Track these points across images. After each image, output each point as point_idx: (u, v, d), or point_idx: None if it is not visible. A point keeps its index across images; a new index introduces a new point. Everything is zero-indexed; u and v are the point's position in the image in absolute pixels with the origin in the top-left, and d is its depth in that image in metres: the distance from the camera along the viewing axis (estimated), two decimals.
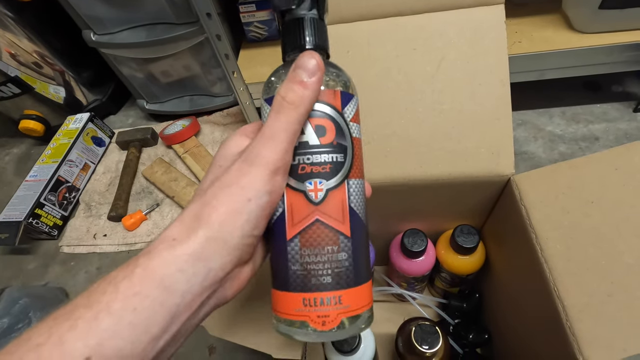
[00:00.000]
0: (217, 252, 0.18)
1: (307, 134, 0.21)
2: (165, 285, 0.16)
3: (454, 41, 0.39)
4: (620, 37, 0.66)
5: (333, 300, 0.20)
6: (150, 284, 0.16)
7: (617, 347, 0.27)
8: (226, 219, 0.18)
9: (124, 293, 0.16)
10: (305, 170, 0.20)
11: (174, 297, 0.16)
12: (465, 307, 0.50)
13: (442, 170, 0.39)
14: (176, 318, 0.16)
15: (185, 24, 0.78)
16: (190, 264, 0.17)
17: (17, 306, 0.63)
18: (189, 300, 0.17)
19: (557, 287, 0.31)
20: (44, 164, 0.86)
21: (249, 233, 0.19)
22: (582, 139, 0.77)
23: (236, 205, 0.18)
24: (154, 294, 0.16)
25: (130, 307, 0.15)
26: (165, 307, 0.16)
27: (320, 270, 0.20)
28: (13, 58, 0.86)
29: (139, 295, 0.16)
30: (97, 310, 0.15)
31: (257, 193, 0.18)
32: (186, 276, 0.17)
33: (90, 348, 0.14)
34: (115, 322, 0.15)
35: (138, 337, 0.15)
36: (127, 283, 0.16)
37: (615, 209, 0.32)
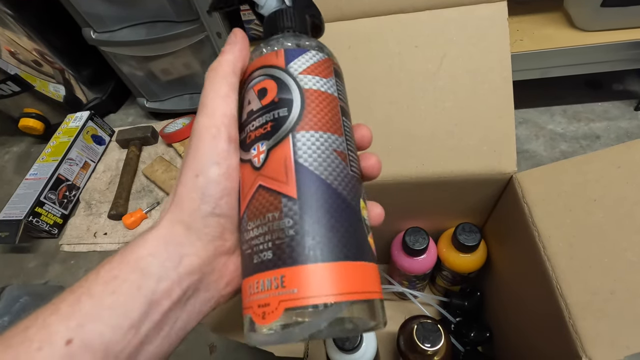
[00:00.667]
0: (185, 236, 0.17)
1: (251, 101, 0.20)
2: (140, 268, 0.16)
3: (455, 38, 0.39)
4: (622, 35, 0.66)
5: (273, 282, 0.16)
6: (126, 267, 0.16)
7: (620, 345, 0.27)
8: (183, 201, 0.18)
9: (103, 277, 0.16)
10: (250, 138, 0.19)
11: (149, 281, 0.16)
12: (466, 306, 0.50)
13: (444, 168, 0.39)
14: (155, 304, 0.16)
15: (185, 22, 0.78)
16: (161, 248, 0.17)
17: (17, 304, 0.63)
18: (166, 286, 0.17)
19: (560, 285, 0.31)
20: (44, 162, 0.86)
21: (210, 212, 0.18)
22: (583, 138, 0.76)
23: (188, 184, 0.18)
24: (131, 278, 0.16)
25: (109, 290, 0.16)
26: (142, 292, 0.16)
27: (260, 245, 0.17)
28: (13, 56, 0.86)
29: (117, 279, 0.16)
30: (79, 294, 0.16)
31: (202, 167, 0.18)
32: (159, 260, 0.17)
33: (71, 330, 0.15)
34: (96, 304, 0.15)
35: (118, 322, 0.15)
36: (107, 267, 0.16)
37: (618, 207, 0.31)
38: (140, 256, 0.17)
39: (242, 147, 0.19)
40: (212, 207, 0.18)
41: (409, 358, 0.41)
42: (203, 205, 0.18)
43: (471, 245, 0.44)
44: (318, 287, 0.15)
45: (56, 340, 0.14)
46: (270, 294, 0.16)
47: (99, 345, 0.15)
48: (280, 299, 0.15)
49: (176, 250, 0.17)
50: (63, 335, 0.14)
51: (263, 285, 0.16)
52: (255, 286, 0.16)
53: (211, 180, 0.18)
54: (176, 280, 0.17)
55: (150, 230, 0.18)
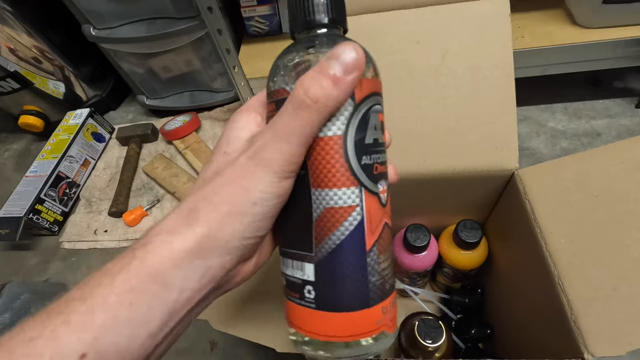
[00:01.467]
0: (215, 250, 0.17)
1: (377, 128, 0.18)
2: (162, 280, 0.16)
3: (458, 34, 0.39)
4: (624, 32, 0.66)
5: (394, 300, 0.20)
6: (146, 279, 0.15)
7: (622, 341, 0.27)
8: (226, 221, 0.17)
9: (119, 287, 0.15)
10: (379, 171, 0.18)
11: (171, 293, 0.16)
12: (467, 303, 0.50)
13: (446, 164, 0.39)
14: (174, 314, 0.16)
15: (185, 19, 0.78)
16: (187, 261, 0.16)
17: (18, 302, 0.63)
18: (187, 296, 0.16)
19: (562, 281, 0.31)
20: (44, 159, 0.86)
21: (252, 235, 0.17)
22: (584, 135, 0.76)
23: (239, 208, 0.17)
24: (151, 290, 0.15)
25: (126, 301, 0.15)
26: (163, 303, 0.15)
27: (389, 274, 0.19)
28: (12, 53, 0.86)
29: (135, 290, 0.15)
30: (92, 304, 0.15)
31: (263, 197, 0.17)
32: (183, 272, 0.16)
33: (85, 344, 0.14)
34: (111, 316, 0.14)
35: (135, 332, 0.15)
36: (123, 276, 0.15)
37: (621, 203, 0.31)
38: (163, 268, 0.16)
39: (368, 176, 0.18)
40: (255, 231, 0.18)
41: (410, 354, 0.41)
42: (248, 229, 0.17)
43: (472, 242, 0.44)
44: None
45: (69, 354, 0.14)
46: (394, 309, 0.20)
47: (114, 355, 0.14)
48: (396, 309, 0.20)
49: (203, 262, 0.16)
50: (76, 349, 0.14)
51: (393, 304, 0.20)
52: (389, 306, 0.19)
53: (267, 209, 0.17)
54: (197, 290, 0.17)
55: (174, 237, 0.16)
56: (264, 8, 0.82)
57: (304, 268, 0.18)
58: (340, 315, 0.18)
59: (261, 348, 0.31)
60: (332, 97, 0.16)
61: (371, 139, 0.18)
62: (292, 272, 0.19)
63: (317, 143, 0.17)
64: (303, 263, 0.18)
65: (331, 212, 0.17)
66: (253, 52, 0.86)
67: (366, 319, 0.18)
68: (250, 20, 0.85)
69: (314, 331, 0.18)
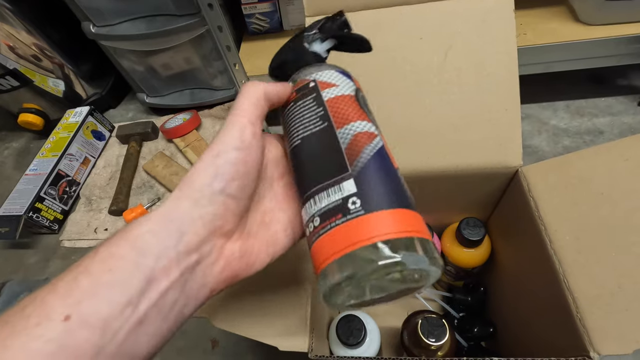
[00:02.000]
0: (186, 212, 0.18)
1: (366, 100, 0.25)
2: (138, 245, 0.17)
3: (461, 30, 0.38)
4: (627, 29, 0.65)
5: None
6: (125, 245, 0.17)
7: (628, 339, 0.27)
8: (194, 176, 0.18)
9: (101, 254, 0.16)
10: (375, 120, 0.24)
11: (147, 258, 0.16)
12: (470, 301, 0.50)
13: (449, 162, 0.39)
14: (153, 282, 0.16)
15: (186, 16, 0.77)
16: (160, 225, 0.17)
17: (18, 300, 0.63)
18: (164, 264, 0.17)
19: (567, 279, 0.31)
20: (44, 157, 0.86)
21: (219, 189, 0.18)
22: (587, 133, 0.76)
23: (206, 161, 0.19)
24: (129, 255, 0.16)
25: (106, 267, 0.16)
26: (140, 269, 0.16)
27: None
28: (11, 51, 0.85)
29: (114, 256, 0.16)
30: (77, 272, 0.16)
31: (223, 149, 0.19)
32: (157, 238, 0.17)
33: (69, 306, 0.15)
34: (93, 281, 0.15)
35: (115, 299, 0.15)
36: (105, 245, 0.17)
37: (626, 200, 0.31)
38: (139, 233, 0.17)
39: (373, 117, 0.23)
40: (223, 186, 0.18)
41: (413, 353, 0.41)
42: (215, 182, 0.18)
43: (475, 240, 0.44)
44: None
45: (54, 316, 0.14)
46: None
47: (97, 321, 0.15)
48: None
49: (176, 227, 0.17)
50: (61, 311, 0.15)
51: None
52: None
53: (228, 161, 0.19)
54: (174, 259, 0.17)
55: (154, 210, 0.18)
56: (265, 5, 0.82)
57: (342, 187, 0.20)
58: (382, 213, 0.19)
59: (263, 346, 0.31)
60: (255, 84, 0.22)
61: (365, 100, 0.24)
62: (328, 200, 0.20)
63: (335, 100, 0.22)
64: (341, 184, 0.20)
65: (359, 135, 0.21)
66: (254, 49, 0.86)
67: (412, 217, 0.20)
68: (250, 18, 0.85)
69: (370, 236, 0.18)
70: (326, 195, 0.20)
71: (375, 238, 0.18)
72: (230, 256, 0.20)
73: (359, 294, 0.20)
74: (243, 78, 0.78)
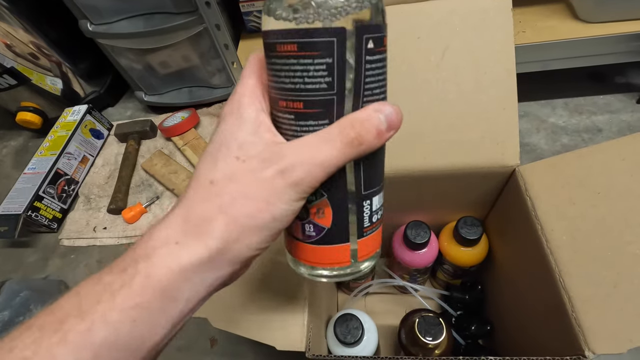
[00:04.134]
0: (228, 263, 0.17)
1: None
2: (169, 295, 0.15)
3: (458, 29, 0.38)
4: (626, 26, 0.65)
5: None
6: (151, 294, 0.15)
7: (623, 338, 0.27)
8: (244, 235, 0.16)
9: (122, 304, 0.14)
10: None
11: (177, 304, 0.15)
12: (467, 299, 0.50)
13: (446, 161, 0.39)
14: (178, 324, 0.16)
15: (183, 14, 0.77)
16: (197, 274, 0.16)
17: (17, 299, 0.63)
18: (192, 306, 0.16)
19: (563, 278, 0.31)
20: (42, 156, 0.85)
21: (264, 247, 0.18)
22: (585, 131, 0.76)
23: (259, 222, 0.16)
24: (156, 305, 0.15)
25: (128, 319, 0.14)
26: (168, 315, 0.15)
27: None
28: (9, 49, 0.85)
29: (139, 307, 0.15)
30: (91, 322, 0.14)
31: (284, 213, 0.17)
32: (192, 284, 0.16)
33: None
34: (112, 334, 0.14)
35: (138, 347, 0.15)
36: (126, 292, 0.15)
37: (622, 200, 0.31)
38: (170, 283, 0.15)
39: None
40: (268, 242, 0.18)
41: (410, 352, 0.41)
42: (264, 241, 0.17)
43: (473, 239, 0.44)
44: None
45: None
46: None
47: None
48: None
49: (214, 275, 0.16)
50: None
51: None
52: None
53: (284, 223, 0.18)
54: (202, 298, 0.17)
55: (184, 252, 0.16)
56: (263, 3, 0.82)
57: (380, 198, 0.23)
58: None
59: (261, 345, 0.31)
60: (373, 145, 0.18)
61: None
62: (377, 203, 0.22)
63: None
64: (380, 195, 0.22)
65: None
66: (252, 47, 0.85)
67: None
68: (248, 15, 0.85)
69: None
70: (378, 200, 0.22)
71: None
72: (246, 268, 0.20)
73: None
74: None
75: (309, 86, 0.17)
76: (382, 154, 0.21)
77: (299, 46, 0.16)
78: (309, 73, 0.17)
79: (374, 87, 0.18)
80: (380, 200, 0.22)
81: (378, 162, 0.21)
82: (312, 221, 0.21)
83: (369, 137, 0.17)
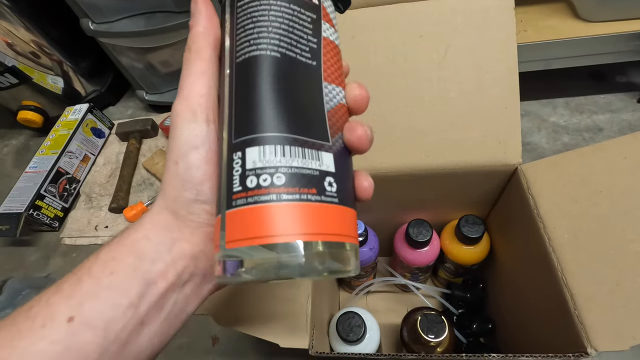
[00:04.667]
0: (171, 221, 0.18)
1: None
2: (135, 250, 0.17)
3: (461, 28, 0.38)
4: (627, 25, 0.65)
5: None
6: (123, 249, 0.17)
7: (626, 336, 0.27)
8: (167, 188, 0.18)
9: (102, 258, 0.17)
10: None
11: (144, 262, 0.17)
12: (468, 297, 0.50)
13: (448, 159, 0.39)
14: (152, 284, 0.17)
15: (185, 12, 0.77)
16: (153, 232, 0.17)
17: (19, 297, 0.63)
18: (160, 268, 0.17)
19: (565, 277, 0.31)
20: (44, 155, 0.85)
21: (193, 199, 0.17)
22: (586, 130, 0.76)
23: (170, 171, 0.18)
24: (127, 259, 0.17)
25: (107, 270, 0.16)
26: (138, 272, 0.17)
27: None
28: (10, 47, 0.85)
29: (115, 260, 0.17)
30: (80, 274, 0.16)
31: (181, 152, 0.17)
32: (152, 243, 0.17)
33: (72, 308, 0.15)
34: (95, 284, 0.16)
35: (116, 300, 0.16)
36: (105, 250, 0.17)
37: (625, 198, 0.31)
38: (135, 239, 0.17)
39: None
40: (195, 194, 0.17)
41: (412, 349, 0.41)
42: (185, 192, 0.17)
43: (474, 237, 0.44)
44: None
45: (58, 317, 0.15)
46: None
47: (100, 322, 0.15)
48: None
49: (168, 234, 0.18)
50: (65, 313, 0.15)
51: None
52: None
53: (191, 165, 0.17)
54: (170, 263, 0.17)
55: (146, 215, 0.18)
56: None
57: (321, 158, 0.16)
58: (348, 211, 0.16)
59: (263, 343, 0.31)
60: (192, 35, 0.18)
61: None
62: (303, 162, 0.15)
63: (332, 46, 0.18)
64: (320, 152, 0.16)
65: (342, 107, 0.18)
66: None
67: (355, 221, 0.17)
68: None
69: (335, 232, 0.15)
70: (302, 154, 0.15)
71: (345, 237, 0.16)
72: None
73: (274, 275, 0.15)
74: None
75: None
76: (259, 87, 0.16)
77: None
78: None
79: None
80: (261, 157, 0.15)
81: (254, 97, 0.16)
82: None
83: (188, 40, 0.18)
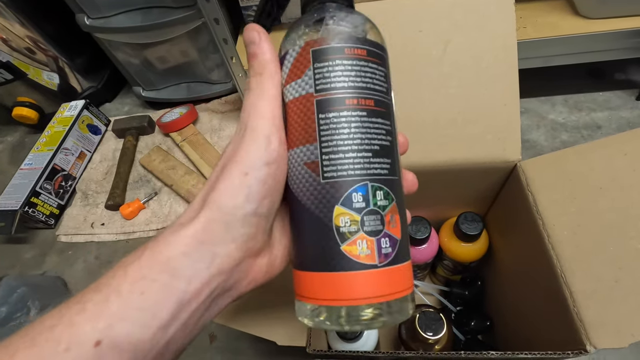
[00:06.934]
0: (219, 235, 0.17)
1: None
2: (171, 269, 0.16)
3: (460, 23, 0.38)
4: (627, 23, 0.65)
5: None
6: (156, 267, 0.16)
7: (625, 333, 0.27)
8: (224, 198, 0.17)
9: (132, 276, 0.16)
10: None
11: (180, 282, 0.16)
12: (467, 295, 0.50)
13: (447, 156, 0.39)
14: (185, 305, 0.16)
15: (182, 8, 0.76)
16: (193, 247, 0.16)
17: (15, 295, 0.62)
18: (195, 287, 0.16)
19: (564, 274, 0.31)
20: (39, 152, 0.85)
21: (252, 211, 0.17)
22: (585, 127, 0.76)
23: (234, 182, 0.17)
24: (161, 279, 0.16)
25: (138, 290, 0.15)
26: (173, 293, 0.16)
27: None
28: (5, 43, 0.84)
29: (146, 279, 0.16)
30: (107, 293, 0.15)
31: (253, 166, 0.17)
32: (191, 260, 0.16)
33: (99, 331, 0.14)
34: (124, 304, 0.15)
35: (147, 322, 0.15)
36: (135, 266, 0.16)
37: (624, 195, 0.31)
38: (171, 256, 0.16)
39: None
40: (255, 207, 0.17)
41: (411, 347, 0.41)
42: (247, 204, 0.17)
43: (473, 235, 0.44)
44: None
45: (84, 341, 0.14)
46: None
47: (128, 345, 0.15)
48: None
49: (209, 249, 0.17)
50: (91, 336, 0.14)
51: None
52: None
53: (260, 179, 0.17)
54: (206, 282, 0.17)
55: (183, 227, 0.17)
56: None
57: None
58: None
59: (261, 341, 0.31)
60: (264, 62, 0.19)
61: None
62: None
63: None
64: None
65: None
66: None
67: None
68: (247, 10, 0.84)
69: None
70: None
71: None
72: (257, 272, 0.20)
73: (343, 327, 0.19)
74: (240, 72, 0.77)
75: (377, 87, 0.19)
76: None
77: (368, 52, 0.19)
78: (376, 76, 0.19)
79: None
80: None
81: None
82: (388, 233, 0.18)
83: (253, 63, 0.20)
